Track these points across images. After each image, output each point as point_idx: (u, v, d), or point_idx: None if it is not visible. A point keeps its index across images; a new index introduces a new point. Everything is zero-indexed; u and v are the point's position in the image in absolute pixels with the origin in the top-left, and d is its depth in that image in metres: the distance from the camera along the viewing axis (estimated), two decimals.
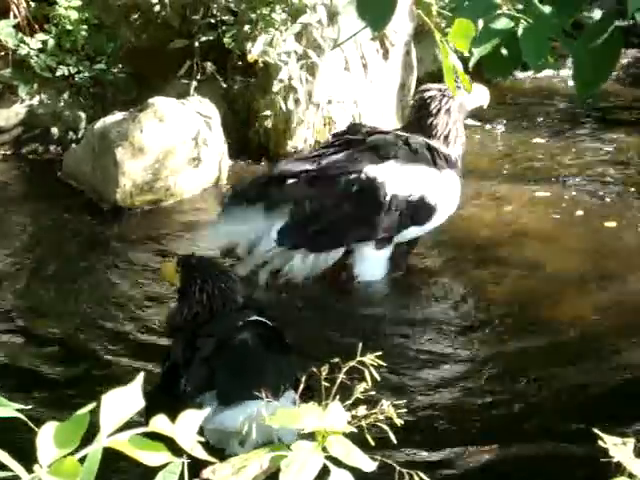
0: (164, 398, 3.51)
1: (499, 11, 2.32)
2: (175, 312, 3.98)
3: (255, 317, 3.72)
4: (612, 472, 1.50)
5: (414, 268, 5.21)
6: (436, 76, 6.69)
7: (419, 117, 5.15)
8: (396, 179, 4.94)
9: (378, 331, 4.66)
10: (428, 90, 5.16)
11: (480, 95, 5.14)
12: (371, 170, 4.94)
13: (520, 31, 2.31)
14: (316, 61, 6.17)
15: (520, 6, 2.34)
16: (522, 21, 2.31)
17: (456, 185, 5.08)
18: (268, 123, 6.32)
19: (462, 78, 2.48)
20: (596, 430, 1.44)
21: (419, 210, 5.00)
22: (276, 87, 6.16)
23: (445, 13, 2.35)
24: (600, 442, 1.49)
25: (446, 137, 5.07)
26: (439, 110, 5.07)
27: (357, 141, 5.06)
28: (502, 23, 2.31)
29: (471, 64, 2.35)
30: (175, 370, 3.67)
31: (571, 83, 6.00)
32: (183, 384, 3.58)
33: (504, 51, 2.39)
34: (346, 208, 4.92)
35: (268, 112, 6.24)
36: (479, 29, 2.31)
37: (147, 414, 1.30)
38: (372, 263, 5.02)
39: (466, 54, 2.32)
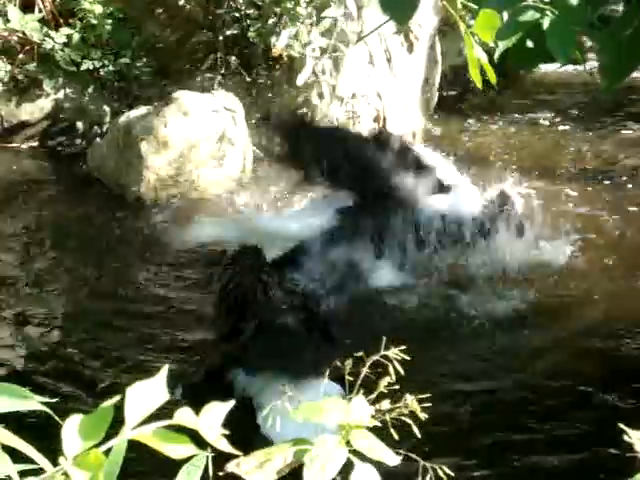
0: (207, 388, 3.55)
1: (525, 3, 2.31)
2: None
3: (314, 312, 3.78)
4: (637, 467, 1.49)
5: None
6: (460, 69, 6.65)
7: None
8: None
9: (403, 324, 4.65)
10: None
11: None
12: None
13: (546, 23, 2.30)
14: (343, 54, 6.16)
15: None
16: (548, 13, 2.30)
17: None
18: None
19: (487, 70, 2.46)
20: (621, 425, 1.43)
21: None
22: (300, 81, 6.16)
23: (470, 5, 2.34)
24: (625, 437, 1.48)
25: None
26: None
27: None
28: (528, 15, 2.30)
29: (496, 56, 2.34)
30: (223, 359, 3.70)
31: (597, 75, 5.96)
32: (231, 373, 3.62)
33: (530, 43, 2.37)
34: None
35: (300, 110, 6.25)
36: (504, 21, 2.30)
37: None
38: None
39: (491, 46, 2.31)
